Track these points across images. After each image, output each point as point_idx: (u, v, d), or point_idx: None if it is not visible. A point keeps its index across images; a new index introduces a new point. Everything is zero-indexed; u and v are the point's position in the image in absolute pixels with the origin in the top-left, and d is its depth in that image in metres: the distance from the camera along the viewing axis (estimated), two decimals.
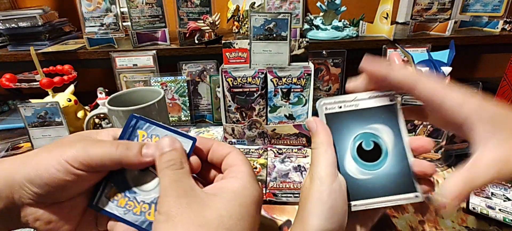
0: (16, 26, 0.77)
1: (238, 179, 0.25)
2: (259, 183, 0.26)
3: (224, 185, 0.25)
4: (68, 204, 0.28)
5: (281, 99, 0.60)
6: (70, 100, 0.64)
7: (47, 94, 0.64)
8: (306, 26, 0.81)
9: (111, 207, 0.28)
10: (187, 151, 0.27)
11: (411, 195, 0.26)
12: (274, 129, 0.58)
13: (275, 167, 0.52)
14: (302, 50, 0.62)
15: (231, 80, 0.59)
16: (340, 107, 0.28)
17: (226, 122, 0.64)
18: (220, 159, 0.28)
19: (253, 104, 0.60)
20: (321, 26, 0.77)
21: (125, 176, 0.28)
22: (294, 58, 0.62)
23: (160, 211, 0.23)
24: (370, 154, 0.28)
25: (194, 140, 0.27)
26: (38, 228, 0.28)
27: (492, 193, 0.44)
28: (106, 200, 0.28)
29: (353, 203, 0.27)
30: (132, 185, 0.22)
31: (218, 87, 0.66)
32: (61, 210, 0.28)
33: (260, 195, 0.25)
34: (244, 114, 0.62)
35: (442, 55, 0.51)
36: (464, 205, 0.42)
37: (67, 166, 0.25)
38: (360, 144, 0.28)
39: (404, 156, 0.28)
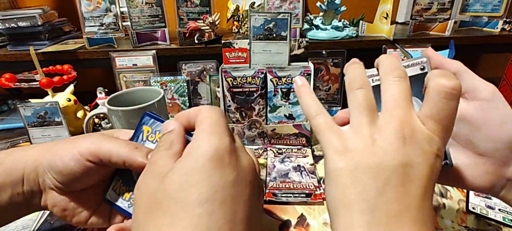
0: (15, 26, 0.77)
1: (195, 138, 0.22)
2: (229, 134, 0.23)
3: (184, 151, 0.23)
4: (83, 194, 0.30)
5: (281, 99, 0.60)
6: (69, 100, 0.64)
7: (47, 94, 0.64)
8: (306, 26, 0.81)
9: (118, 200, 0.29)
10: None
11: None
12: (274, 129, 0.58)
13: (275, 167, 0.52)
14: (302, 50, 0.62)
15: (231, 80, 0.59)
16: (372, 82, 0.25)
17: None
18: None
19: (253, 104, 0.60)
20: (321, 26, 0.77)
21: (131, 171, 0.29)
22: (294, 58, 0.62)
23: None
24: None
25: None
26: (54, 213, 0.30)
27: None
28: (114, 193, 0.30)
29: None
30: (137, 179, 0.23)
31: (218, 87, 0.65)
32: (77, 199, 0.30)
33: (219, 147, 0.21)
34: (244, 114, 0.62)
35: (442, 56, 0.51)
36: (464, 205, 0.42)
37: (79, 157, 0.27)
38: None
39: None
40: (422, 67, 0.25)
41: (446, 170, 0.26)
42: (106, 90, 0.71)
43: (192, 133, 0.25)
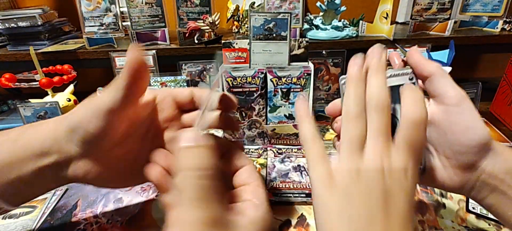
0: (15, 26, 0.77)
1: (257, 206, 0.25)
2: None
3: (245, 211, 0.24)
4: (114, 154, 0.30)
5: (281, 99, 0.60)
6: (69, 100, 0.64)
7: (47, 94, 0.64)
8: (306, 26, 0.81)
9: None
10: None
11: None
12: (274, 129, 0.58)
13: (275, 166, 0.52)
14: (302, 50, 0.62)
15: (230, 80, 0.59)
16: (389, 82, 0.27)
17: None
18: (233, 168, 0.28)
19: (252, 104, 0.60)
20: (321, 26, 0.77)
21: None
22: (294, 58, 0.62)
23: None
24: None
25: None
26: (88, 180, 0.30)
27: None
28: None
29: None
30: None
31: (218, 87, 0.65)
32: (109, 162, 0.30)
33: (270, 217, 0.25)
34: (243, 114, 0.62)
35: (442, 55, 0.51)
36: (464, 205, 0.42)
37: (98, 111, 0.26)
38: None
39: None
40: (410, 77, 0.27)
41: (420, 173, 0.28)
42: None
43: None
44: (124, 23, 0.78)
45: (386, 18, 0.75)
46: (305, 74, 0.59)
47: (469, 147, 0.25)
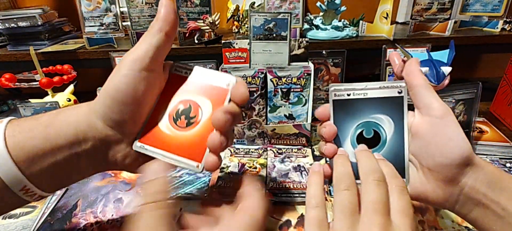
0: (15, 26, 0.77)
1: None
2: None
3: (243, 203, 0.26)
4: None
5: (281, 99, 0.60)
6: (69, 100, 0.64)
7: (47, 94, 0.64)
8: (306, 26, 0.81)
9: None
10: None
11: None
12: (274, 129, 0.58)
13: (275, 167, 0.52)
14: (302, 50, 0.62)
15: None
16: (349, 95, 0.29)
17: None
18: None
19: (253, 104, 0.60)
20: (321, 26, 0.77)
21: None
22: (294, 58, 0.62)
23: None
24: (369, 141, 0.29)
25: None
26: (128, 166, 0.29)
27: None
28: None
29: None
30: None
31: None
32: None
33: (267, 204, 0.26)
34: (243, 114, 0.62)
35: (442, 55, 0.51)
36: None
37: (127, 71, 0.26)
38: (361, 132, 0.29)
39: (401, 146, 0.29)
40: (399, 91, 0.29)
41: None
42: None
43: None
44: (124, 23, 0.78)
45: (386, 18, 0.75)
46: (305, 74, 0.59)
47: (451, 159, 0.26)
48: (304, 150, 0.57)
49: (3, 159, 0.24)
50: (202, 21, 0.74)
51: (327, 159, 0.30)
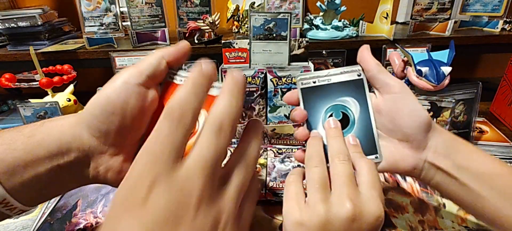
0: (15, 26, 0.77)
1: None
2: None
3: None
4: (135, 148, 0.29)
5: (281, 99, 0.60)
6: (69, 100, 0.64)
7: (47, 94, 0.64)
8: (306, 26, 0.81)
9: None
10: None
11: (372, 156, 0.31)
12: (274, 129, 0.58)
13: (275, 167, 0.52)
14: (302, 50, 0.62)
15: None
16: (314, 82, 0.32)
17: None
18: None
19: (253, 104, 0.60)
20: (321, 26, 0.77)
21: None
22: (294, 58, 0.62)
23: None
24: (339, 123, 0.31)
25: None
26: (109, 180, 0.29)
27: None
28: None
29: None
30: None
31: None
32: (131, 156, 0.29)
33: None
34: (244, 114, 0.62)
35: (442, 55, 0.51)
36: None
37: (121, 82, 0.26)
38: (331, 115, 0.32)
39: (369, 124, 0.31)
40: (358, 74, 0.32)
41: (377, 163, 0.31)
42: None
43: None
44: (124, 23, 0.78)
45: (386, 18, 0.75)
46: None
47: (417, 126, 0.29)
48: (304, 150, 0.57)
49: None
50: (202, 21, 0.74)
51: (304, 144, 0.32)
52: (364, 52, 0.32)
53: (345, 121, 0.31)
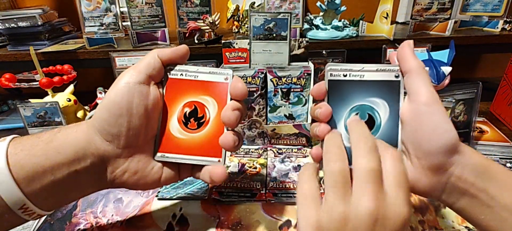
0: (15, 26, 0.77)
1: None
2: None
3: None
4: (146, 150, 0.31)
5: (281, 99, 0.60)
6: (69, 100, 0.64)
7: (47, 94, 0.64)
8: (306, 26, 0.81)
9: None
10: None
11: None
12: (274, 129, 0.58)
13: (275, 167, 0.52)
14: (302, 50, 0.62)
15: None
16: (345, 76, 0.28)
17: None
18: None
19: (253, 104, 0.60)
20: (321, 26, 0.77)
21: None
22: (294, 58, 0.62)
23: None
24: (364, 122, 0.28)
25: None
26: (127, 182, 0.30)
27: None
28: None
29: None
30: None
31: None
32: (144, 159, 0.31)
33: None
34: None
35: (442, 55, 0.51)
36: None
37: (123, 83, 0.28)
38: (356, 115, 0.28)
39: (395, 132, 0.28)
40: (396, 75, 0.28)
41: None
42: (106, 90, 0.71)
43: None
44: (124, 23, 0.78)
45: (386, 18, 0.75)
46: (305, 74, 0.59)
47: (437, 148, 0.25)
48: (304, 150, 0.57)
49: (4, 178, 0.24)
50: (202, 21, 0.74)
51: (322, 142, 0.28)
52: (406, 49, 0.27)
53: (369, 124, 0.28)
